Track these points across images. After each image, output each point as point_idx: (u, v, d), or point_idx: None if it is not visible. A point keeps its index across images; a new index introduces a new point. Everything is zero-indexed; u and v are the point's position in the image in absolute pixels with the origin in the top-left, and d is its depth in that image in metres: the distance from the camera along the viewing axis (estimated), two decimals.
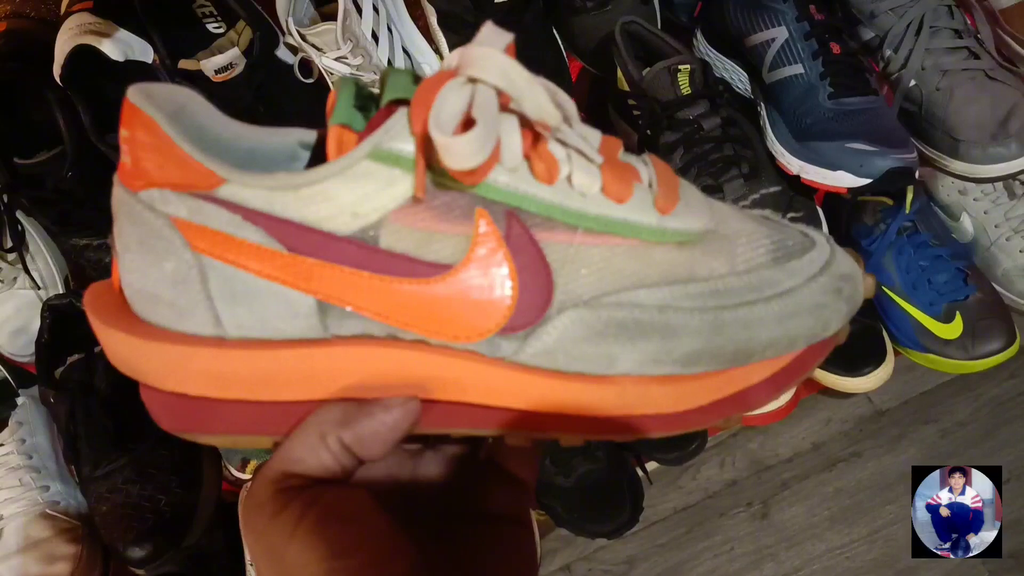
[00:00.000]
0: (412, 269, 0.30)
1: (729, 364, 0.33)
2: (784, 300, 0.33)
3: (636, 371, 0.32)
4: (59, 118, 0.85)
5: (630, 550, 1.36)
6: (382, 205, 0.30)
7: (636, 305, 0.32)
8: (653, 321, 0.32)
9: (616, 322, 0.32)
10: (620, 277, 0.32)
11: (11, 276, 0.95)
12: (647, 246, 0.32)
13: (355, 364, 0.32)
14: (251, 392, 0.32)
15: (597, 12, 0.95)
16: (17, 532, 0.86)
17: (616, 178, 0.32)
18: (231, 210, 0.30)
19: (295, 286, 0.31)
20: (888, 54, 0.90)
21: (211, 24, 0.90)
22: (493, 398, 0.33)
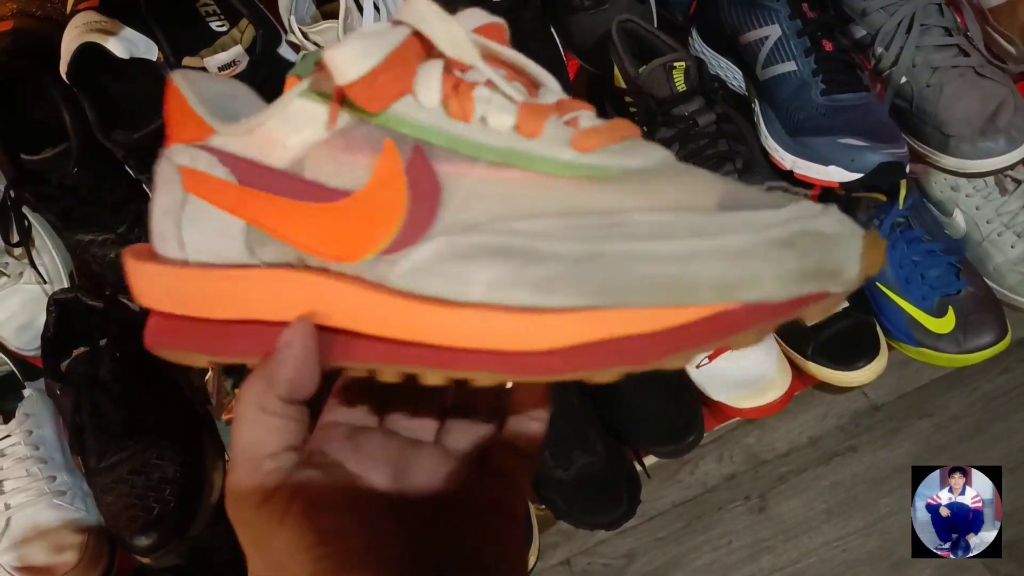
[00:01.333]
0: (322, 195, 0.33)
1: (598, 301, 0.28)
2: (695, 241, 0.28)
3: (489, 296, 0.29)
4: (65, 115, 0.86)
5: (629, 544, 1.37)
6: (307, 138, 0.34)
7: (511, 232, 0.30)
8: (520, 245, 0.29)
9: (482, 246, 0.30)
10: (511, 208, 0.30)
11: (17, 271, 0.96)
12: (550, 179, 0.31)
13: (272, 287, 0.35)
14: (201, 310, 0.36)
15: (594, 11, 0.96)
16: (24, 522, 0.87)
17: (531, 116, 0.32)
18: (212, 153, 0.35)
19: (233, 211, 0.35)
20: (879, 51, 0.91)
21: (214, 22, 0.91)
22: (372, 326, 0.32)
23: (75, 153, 0.86)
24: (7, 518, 0.87)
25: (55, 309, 0.92)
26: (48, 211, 0.94)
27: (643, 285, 0.28)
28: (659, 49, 0.89)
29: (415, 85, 0.32)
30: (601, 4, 0.95)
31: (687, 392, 1.12)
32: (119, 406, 0.88)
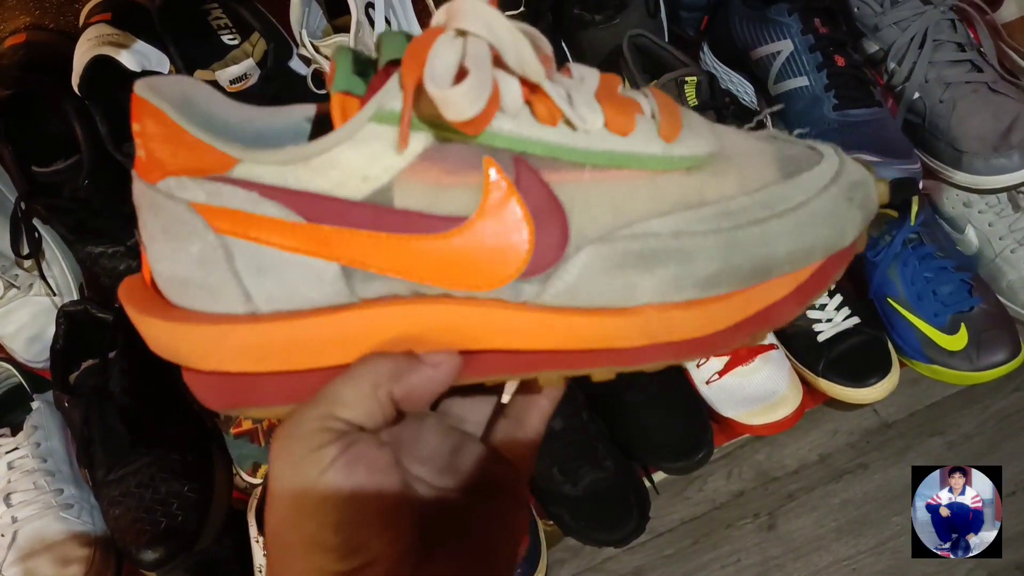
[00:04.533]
0: (428, 225, 0.31)
1: (749, 282, 0.33)
2: (797, 213, 0.33)
3: (657, 299, 0.33)
4: (77, 127, 0.87)
5: (637, 561, 1.36)
6: (391, 165, 0.30)
7: (650, 235, 0.32)
8: (668, 248, 0.32)
9: (633, 253, 0.32)
10: (632, 209, 0.32)
11: (27, 283, 0.96)
12: (655, 175, 0.32)
13: (384, 324, 0.32)
14: (288, 362, 0.32)
15: (605, 26, 0.96)
16: (31, 535, 0.87)
17: (618, 112, 0.32)
18: (247, 188, 0.31)
19: (317, 254, 0.31)
20: (892, 67, 0.91)
21: (226, 36, 0.91)
22: (522, 342, 0.33)
23: (86, 165, 0.87)
24: (14, 531, 0.87)
25: (64, 321, 0.92)
26: (59, 223, 0.95)
27: (780, 261, 0.34)
28: (670, 64, 0.89)
29: (502, 98, 0.30)
30: (612, 19, 0.95)
31: (696, 408, 1.11)
32: (127, 419, 0.88)
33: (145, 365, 0.91)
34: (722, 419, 1.10)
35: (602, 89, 0.33)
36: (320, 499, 0.30)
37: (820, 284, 0.35)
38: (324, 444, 0.31)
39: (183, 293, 0.32)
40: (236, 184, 0.31)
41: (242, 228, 0.31)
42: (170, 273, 0.32)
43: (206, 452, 0.93)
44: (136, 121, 0.31)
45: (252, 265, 0.31)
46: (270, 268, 0.31)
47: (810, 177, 0.34)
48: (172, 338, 0.32)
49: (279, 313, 0.32)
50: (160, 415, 0.90)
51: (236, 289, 0.32)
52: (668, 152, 0.32)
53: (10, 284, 0.95)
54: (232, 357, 0.32)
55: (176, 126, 0.30)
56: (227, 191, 0.31)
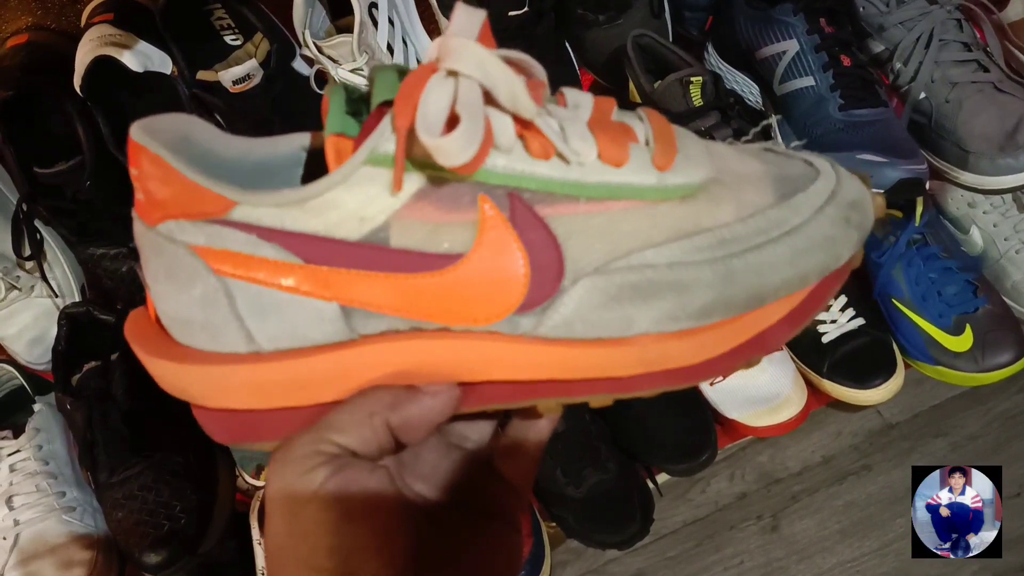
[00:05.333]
0: (424, 263, 0.31)
1: (743, 310, 0.33)
2: (793, 238, 0.33)
3: (653, 329, 0.33)
4: (79, 129, 0.86)
5: (640, 563, 1.36)
6: (387, 206, 0.31)
7: (647, 266, 0.32)
8: (665, 279, 0.32)
9: (629, 285, 0.32)
10: (627, 240, 0.32)
11: (29, 284, 0.96)
12: (650, 205, 0.32)
13: (384, 359, 0.33)
14: (290, 399, 0.33)
15: (609, 26, 0.96)
16: (34, 537, 0.86)
17: (611, 142, 0.32)
18: (246, 231, 0.31)
19: (317, 295, 0.32)
20: (898, 67, 0.91)
21: (229, 36, 0.91)
22: (519, 372, 0.33)
23: (88, 167, 0.87)
24: (16, 534, 0.86)
25: (66, 323, 0.91)
26: (61, 225, 0.94)
27: (774, 288, 0.34)
28: (674, 64, 0.89)
29: (495, 136, 0.30)
30: (616, 19, 0.95)
31: (700, 409, 1.11)
32: (130, 421, 0.88)
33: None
34: (726, 421, 1.10)
35: (596, 116, 0.33)
36: (313, 523, 0.31)
37: (814, 306, 0.35)
38: (315, 467, 0.31)
39: (187, 333, 0.33)
40: (235, 227, 0.31)
41: (243, 270, 0.31)
42: (174, 313, 0.33)
43: (209, 454, 0.93)
44: (133, 165, 0.31)
45: (253, 306, 0.32)
46: (271, 309, 0.32)
47: (806, 198, 0.34)
48: (178, 378, 0.33)
49: (281, 352, 0.32)
50: (163, 417, 0.90)
51: (238, 330, 0.32)
52: (663, 182, 0.32)
53: (12, 286, 0.94)
54: (236, 395, 0.33)
55: (173, 170, 0.30)
56: (227, 234, 0.31)
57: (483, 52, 0.28)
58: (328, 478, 0.31)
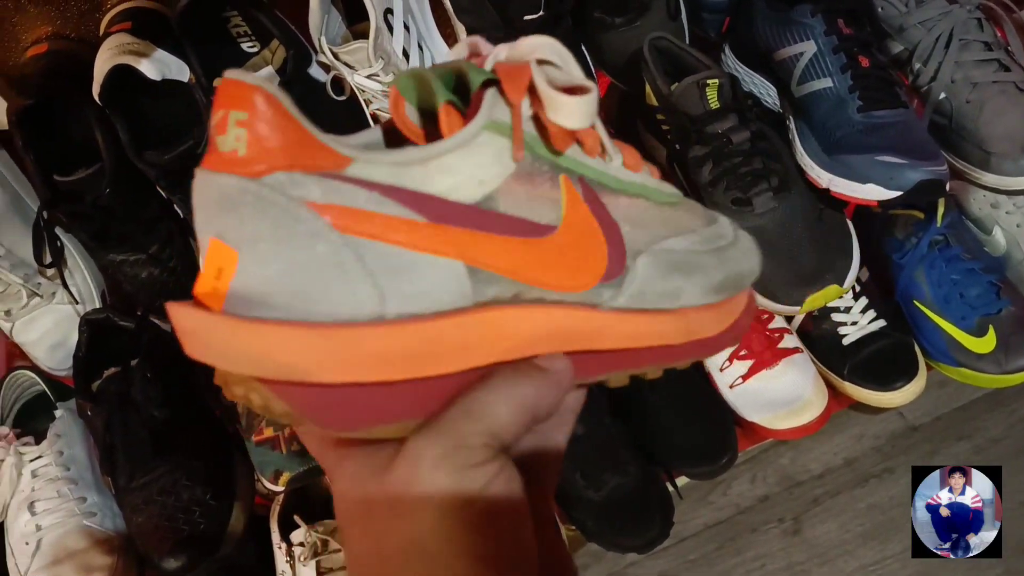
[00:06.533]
0: (529, 230, 0.33)
1: (734, 291, 0.41)
2: (733, 247, 0.41)
3: (695, 301, 0.39)
4: (98, 136, 0.87)
5: (661, 566, 1.36)
6: (500, 172, 0.32)
7: (674, 250, 0.38)
8: (691, 261, 0.39)
9: (673, 263, 0.38)
10: (653, 230, 0.38)
11: (50, 291, 0.97)
12: (657, 206, 0.39)
13: (501, 328, 0.33)
14: (413, 370, 0.31)
15: (626, 28, 0.95)
16: (55, 543, 0.87)
17: (628, 152, 0.38)
18: (366, 187, 0.30)
19: (444, 253, 0.31)
20: (917, 67, 0.90)
21: (245, 43, 0.91)
22: (604, 342, 0.36)
23: (108, 173, 0.87)
24: (38, 539, 0.87)
25: (87, 329, 0.92)
26: (81, 231, 0.95)
27: (745, 276, 0.42)
28: (692, 66, 0.88)
29: None
30: (633, 22, 0.95)
31: (720, 412, 1.11)
32: (150, 426, 0.89)
33: (167, 372, 0.92)
34: (746, 423, 1.09)
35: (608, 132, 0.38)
36: (483, 513, 0.30)
37: (754, 305, 0.44)
38: (487, 460, 0.31)
39: (298, 298, 0.29)
40: (355, 183, 0.30)
41: (366, 227, 0.30)
42: (282, 278, 0.29)
43: (228, 459, 0.93)
44: (243, 109, 0.28)
45: (385, 265, 0.30)
46: (403, 268, 0.30)
47: (719, 224, 0.42)
48: (302, 349, 0.29)
49: (405, 316, 0.31)
50: (182, 422, 0.91)
51: (370, 292, 0.30)
52: (661, 187, 0.39)
53: (33, 292, 0.95)
54: (362, 367, 0.30)
55: (290, 116, 0.29)
56: (347, 190, 0.30)
57: (561, 48, 0.33)
58: (494, 477, 0.31)
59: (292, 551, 0.93)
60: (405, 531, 0.30)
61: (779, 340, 1.09)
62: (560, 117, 0.32)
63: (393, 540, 0.30)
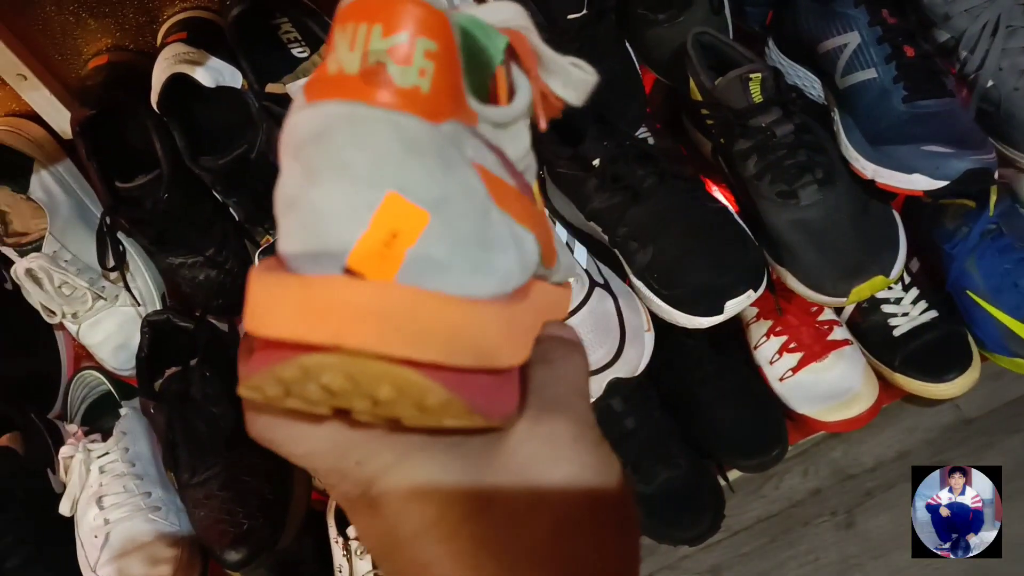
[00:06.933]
0: (533, 201, 0.31)
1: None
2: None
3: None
4: (156, 143, 0.89)
5: (714, 559, 1.35)
6: (528, 141, 0.31)
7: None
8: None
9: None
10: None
11: (113, 294, 1.00)
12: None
13: (547, 297, 0.32)
14: (531, 343, 0.29)
15: (669, 24, 0.96)
16: (122, 536, 0.90)
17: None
18: (492, 150, 0.27)
19: (529, 226, 0.29)
20: (964, 55, 0.89)
21: (295, 49, 0.94)
22: (561, 313, 0.36)
23: (166, 179, 0.90)
24: (106, 532, 0.90)
25: (148, 330, 0.95)
26: (141, 236, 0.98)
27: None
28: (735, 60, 0.89)
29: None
30: (676, 17, 0.95)
31: (771, 405, 1.11)
32: (209, 423, 0.91)
33: (225, 371, 0.94)
34: (796, 416, 1.09)
35: None
36: (621, 483, 0.30)
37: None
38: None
39: (476, 271, 0.25)
40: (486, 144, 0.26)
41: (501, 194, 0.26)
42: (467, 246, 0.25)
43: None
44: (434, 38, 0.24)
45: (515, 235, 0.27)
46: (519, 240, 0.28)
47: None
48: (489, 329, 0.25)
49: (518, 291, 0.28)
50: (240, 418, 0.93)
51: (516, 263, 0.27)
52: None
53: (98, 296, 0.98)
54: (524, 345, 0.27)
55: (458, 56, 0.25)
56: (484, 150, 0.26)
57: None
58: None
59: (349, 545, 0.95)
60: (551, 515, 0.28)
61: (828, 332, 1.09)
62: (567, 89, 0.29)
63: (534, 526, 0.27)
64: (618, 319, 0.89)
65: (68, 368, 1.08)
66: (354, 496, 0.28)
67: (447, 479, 0.27)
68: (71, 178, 0.99)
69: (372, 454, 0.27)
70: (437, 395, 0.23)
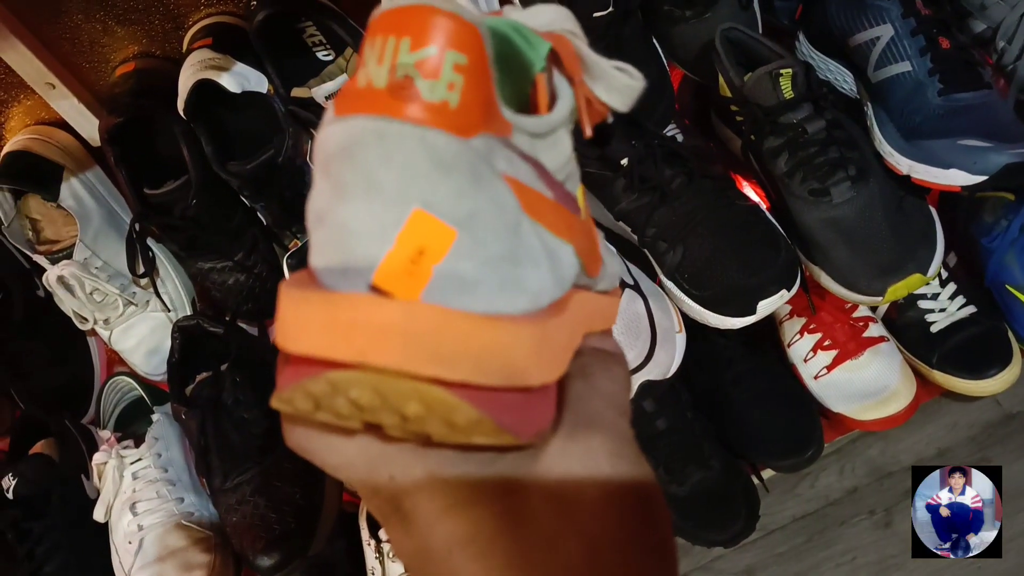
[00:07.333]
0: (576, 209, 0.30)
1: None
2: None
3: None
4: (184, 149, 0.90)
5: (748, 559, 1.34)
6: (570, 147, 0.30)
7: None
8: None
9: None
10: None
11: (144, 300, 1.01)
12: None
13: (586, 308, 0.31)
14: (567, 360, 0.28)
15: (697, 20, 0.95)
16: (156, 541, 0.91)
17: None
18: (528, 161, 0.26)
19: (567, 238, 0.28)
20: (1001, 46, 0.87)
21: (320, 52, 0.94)
22: (608, 322, 0.35)
23: (194, 185, 0.90)
24: (140, 538, 0.91)
25: (179, 336, 0.96)
26: (170, 241, 0.99)
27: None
28: (764, 56, 0.87)
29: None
30: (703, 13, 0.94)
31: (805, 404, 1.09)
32: (240, 428, 0.91)
33: (255, 375, 0.94)
34: (832, 415, 1.08)
35: None
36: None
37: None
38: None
39: (504, 288, 0.25)
40: (520, 155, 0.26)
41: (536, 207, 0.26)
42: (499, 263, 0.24)
43: None
44: (463, 50, 0.23)
45: (548, 250, 0.27)
46: (553, 253, 0.27)
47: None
48: (519, 347, 0.24)
49: (553, 305, 0.27)
50: (271, 423, 0.93)
51: (549, 278, 0.26)
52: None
53: (129, 302, 0.99)
54: (557, 362, 0.27)
55: (490, 75, 0.24)
56: (519, 162, 0.25)
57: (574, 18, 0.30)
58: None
59: (381, 548, 0.95)
60: (586, 534, 0.27)
61: (864, 329, 1.07)
62: (612, 95, 0.29)
63: (569, 546, 0.27)
64: (649, 321, 0.88)
65: (101, 374, 1.09)
66: (387, 510, 0.28)
67: (480, 496, 0.27)
68: (100, 185, 1.00)
69: (404, 469, 0.27)
70: (465, 413, 0.23)
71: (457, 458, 0.27)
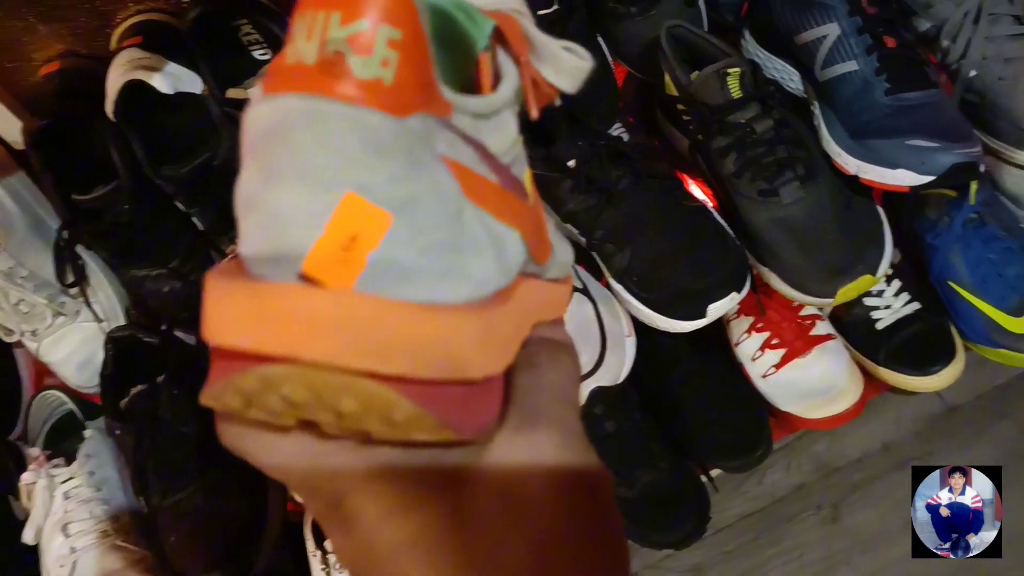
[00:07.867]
0: (523, 195, 0.29)
1: None
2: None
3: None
4: (114, 152, 0.86)
5: (697, 558, 1.34)
6: (516, 131, 0.29)
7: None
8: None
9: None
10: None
11: (74, 310, 0.96)
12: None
13: (533, 297, 0.30)
14: (514, 350, 0.27)
15: (641, 17, 0.94)
16: (90, 564, 0.87)
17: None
18: (469, 143, 0.25)
19: (512, 224, 0.27)
20: (946, 44, 0.88)
21: (257, 51, 0.90)
22: (559, 311, 0.35)
23: (126, 190, 0.87)
24: (73, 561, 0.87)
25: (112, 347, 0.92)
26: (102, 248, 0.95)
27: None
28: (710, 54, 0.86)
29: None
30: (648, 10, 0.93)
31: (753, 404, 1.09)
32: (179, 443, 0.88)
33: (194, 387, 0.91)
34: (780, 414, 1.07)
35: None
36: (610, 488, 0.29)
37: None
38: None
39: (446, 276, 0.24)
40: (462, 136, 0.25)
41: (479, 191, 0.25)
42: (439, 251, 0.23)
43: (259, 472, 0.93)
44: (398, 25, 0.22)
45: (493, 236, 0.26)
46: (498, 239, 0.26)
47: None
48: (460, 337, 0.23)
49: (498, 294, 0.26)
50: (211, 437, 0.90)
51: (495, 266, 0.25)
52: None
53: (58, 312, 0.95)
54: (502, 352, 0.26)
55: (427, 47, 0.23)
56: (460, 144, 0.24)
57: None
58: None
59: (327, 559, 0.92)
60: (532, 531, 0.27)
61: (811, 327, 1.07)
62: (560, 76, 0.28)
63: (515, 543, 0.26)
64: (599, 326, 0.86)
65: (29, 388, 1.05)
66: (328, 512, 0.27)
67: (425, 495, 0.26)
68: (25, 191, 0.95)
69: (343, 468, 0.26)
70: (404, 409, 0.22)
71: (399, 455, 0.26)
